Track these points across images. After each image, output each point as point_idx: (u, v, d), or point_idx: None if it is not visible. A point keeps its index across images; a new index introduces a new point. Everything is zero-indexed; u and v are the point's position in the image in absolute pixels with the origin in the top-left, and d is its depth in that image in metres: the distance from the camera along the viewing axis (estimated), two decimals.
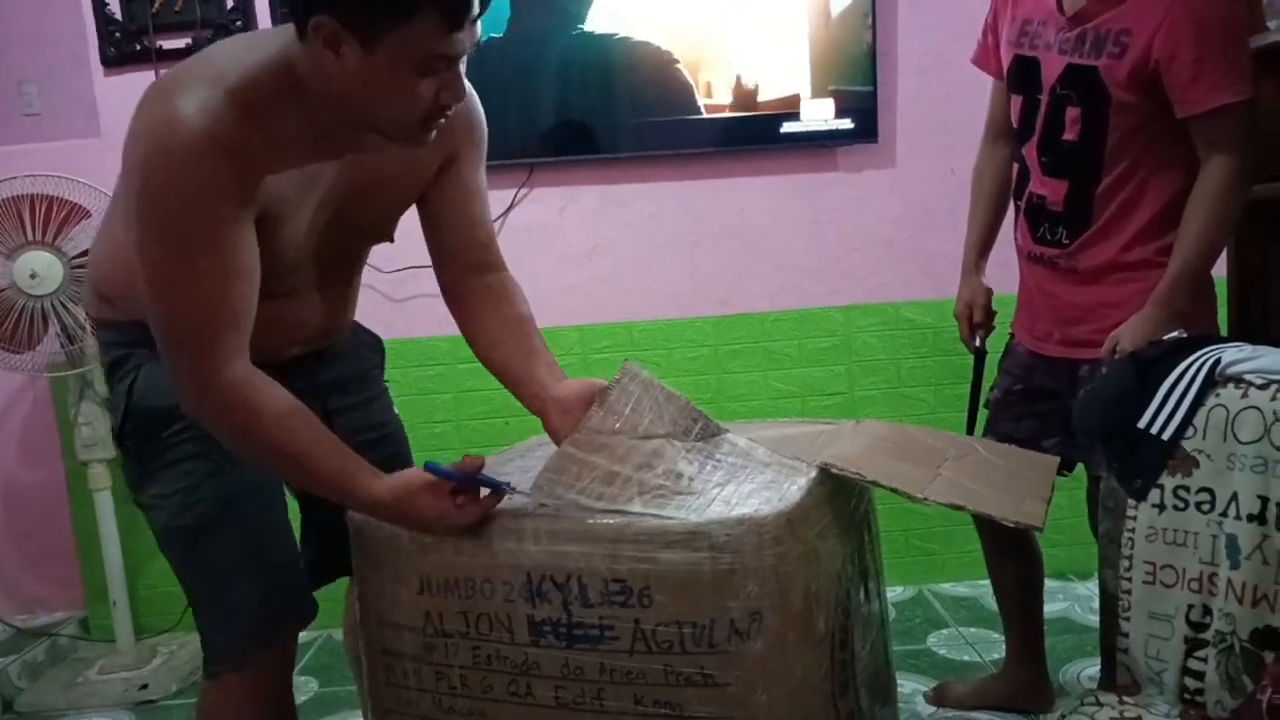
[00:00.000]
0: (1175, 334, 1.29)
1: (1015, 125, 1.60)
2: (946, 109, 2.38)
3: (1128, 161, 1.48)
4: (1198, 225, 1.43)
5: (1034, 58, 1.53)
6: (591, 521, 1.08)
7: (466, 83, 1.13)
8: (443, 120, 1.11)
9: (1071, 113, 1.49)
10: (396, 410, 1.45)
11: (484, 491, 1.12)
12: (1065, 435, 1.59)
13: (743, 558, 1.04)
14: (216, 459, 1.18)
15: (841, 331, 2.50)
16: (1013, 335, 1.72)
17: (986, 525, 1.75)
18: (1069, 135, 1.50)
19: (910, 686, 1.99)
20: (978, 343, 1.75)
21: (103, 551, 2.32)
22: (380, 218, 1.28)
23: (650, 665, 1.06)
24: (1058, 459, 1.40)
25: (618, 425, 1.16)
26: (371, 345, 1.45)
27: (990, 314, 1.74)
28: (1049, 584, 1.86)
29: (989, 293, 1.74)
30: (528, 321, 1.30)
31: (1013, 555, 1.79)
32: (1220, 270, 2.06)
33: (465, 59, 1.07)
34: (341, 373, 1.35)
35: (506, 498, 1.13)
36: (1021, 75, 1.56)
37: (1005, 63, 1.60)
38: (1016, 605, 1.83)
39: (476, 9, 1.03)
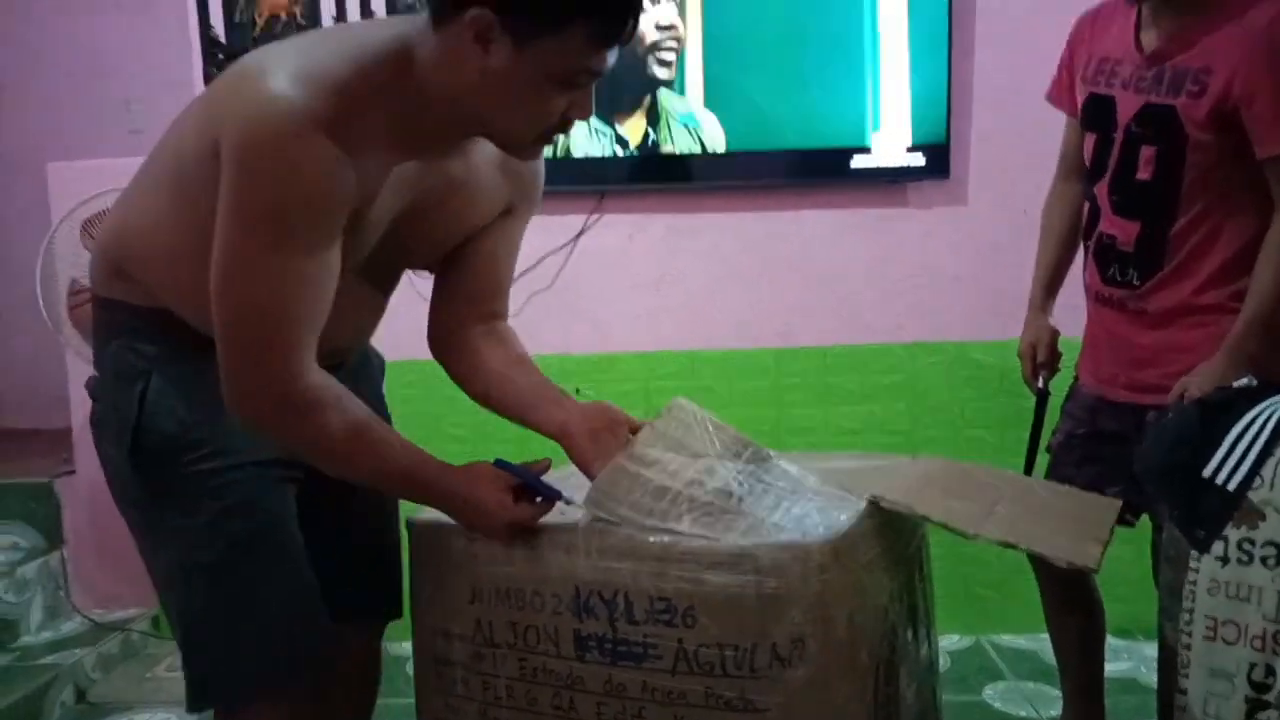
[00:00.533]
0: (1244, 381, 1.26)
1: (1088, 163, 1.59)
2: (1021, 147, 2.36)
3: (1202, 204, 1.46)
4: (1271, 273, 1.40)
5: (1110, 96, 1.52)
6: (640, 539, 1.10)
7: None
8: (560, 136, 1.10)
9: (1146, 152, 1.48)
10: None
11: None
12: (1129, 483, 1.55)
13: (788, 583, 1.04)
14: (241, 489, 1.14)
15: (905, 369, 2.49)
16: (1077, 378, 1.69)
17: (1045, 572, 1.72)
18: (1143, 174, 1.49)
19: None
20: (1040, 384, 1.72)
21: None
22: (431, 245, 1.25)
23: (691, 686, 1.07)
24: (1119, 501, 1.37)
25: (668, 444, 1.18)
26: (380, 369, 1.42)
27: (1055, 355, 1.72)
28: (1114, 642, 1.82)
29: (1055, 333, 1.72)
30: (530, 359, 1.29)
31: (1073, 606, 1.74)
32: None
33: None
34: (357, 391, 1.26)
35: (560, 511, 1.15)
36: (1096, 113, 1.55)
37: (1080, 100, 1.60)
38: (1076, 660, 1.77)
39: (630, 29, 1.02)
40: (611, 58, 1.04)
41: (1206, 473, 1.19)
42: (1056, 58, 1.68)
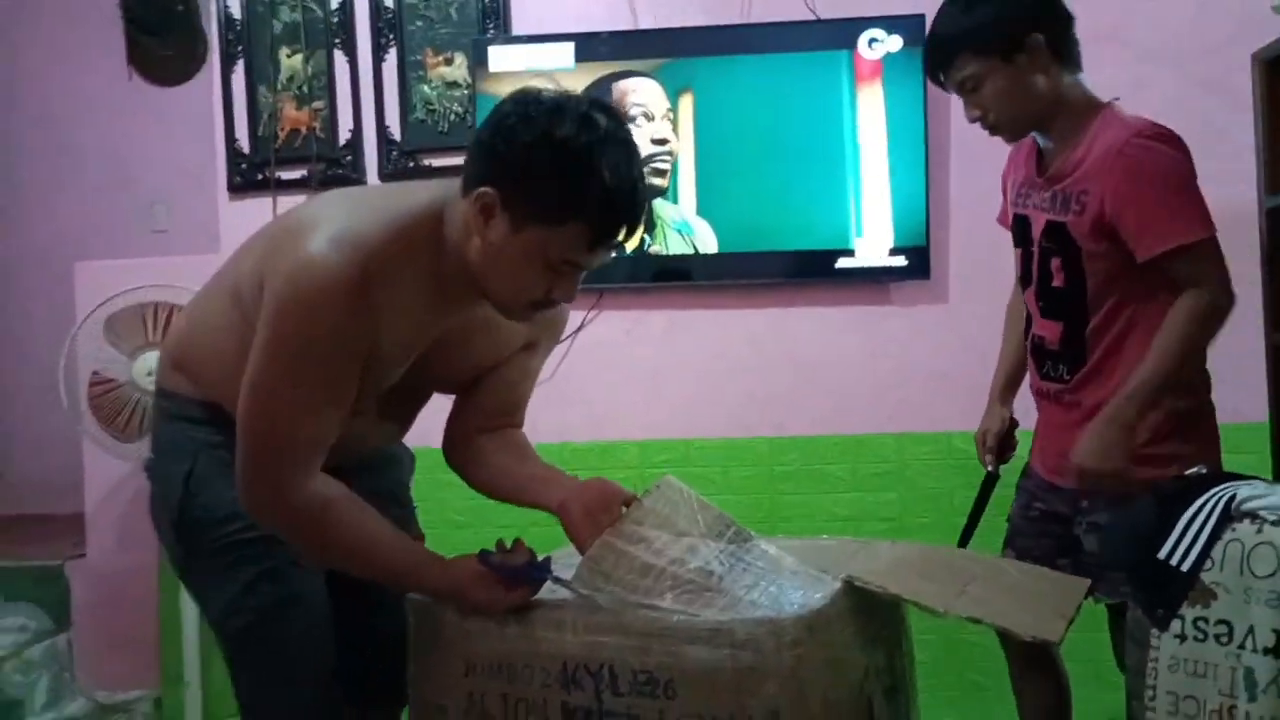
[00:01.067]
0: (1196, 470, 1.34)
1: (1019, 274, 1.75)
2: (995, 250, 2.45)
3: (1112, 301, 1.58)
4: (1158, 350, 1.50)
5: (1027, 215, 1.69)
6: (625, 615, 1.16)
7: None
8: (546, 311, 1.23)
9: (1054, 262, 1.62)
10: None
11: None
12: (1075, 557, 1.65)
13: (762, 657, 1.10)
14: (271, 562, 1.26)
15: (894, 458, 2.56)
16: (1029, 462, 1.80)
17: (1011, 645, 1.78)
18: (1056, 282, 1.63)
19: None
20: (990, 466, 1.85)
21: (182, 631, 2.47)
22: (454, 375, 1.38)
23: None
24: (1088, 581, 1.43)
25: (656, 521, 1.25)
26: (409, 463, 1.52)
27: (1006, 442, 1.84)
28: None
29: (1010, 422, 1.83)
30: (532, 449, 1.41)
31: (1036, 674, 1.80)
32: (1262, 413, 2.10)
33: None
34: (379, 486, 1.39)
35: (550, 589, 1.23)
36: (1020, 230, 1.72)
37: (1010, 220, 1.76)
38: None
39: (621, 235, 1.14)
40: (602, 257, 1.16)
41: (1162, 554, 1.26)
42: None
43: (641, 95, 2.56)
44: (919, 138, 2.49)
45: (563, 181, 1.09)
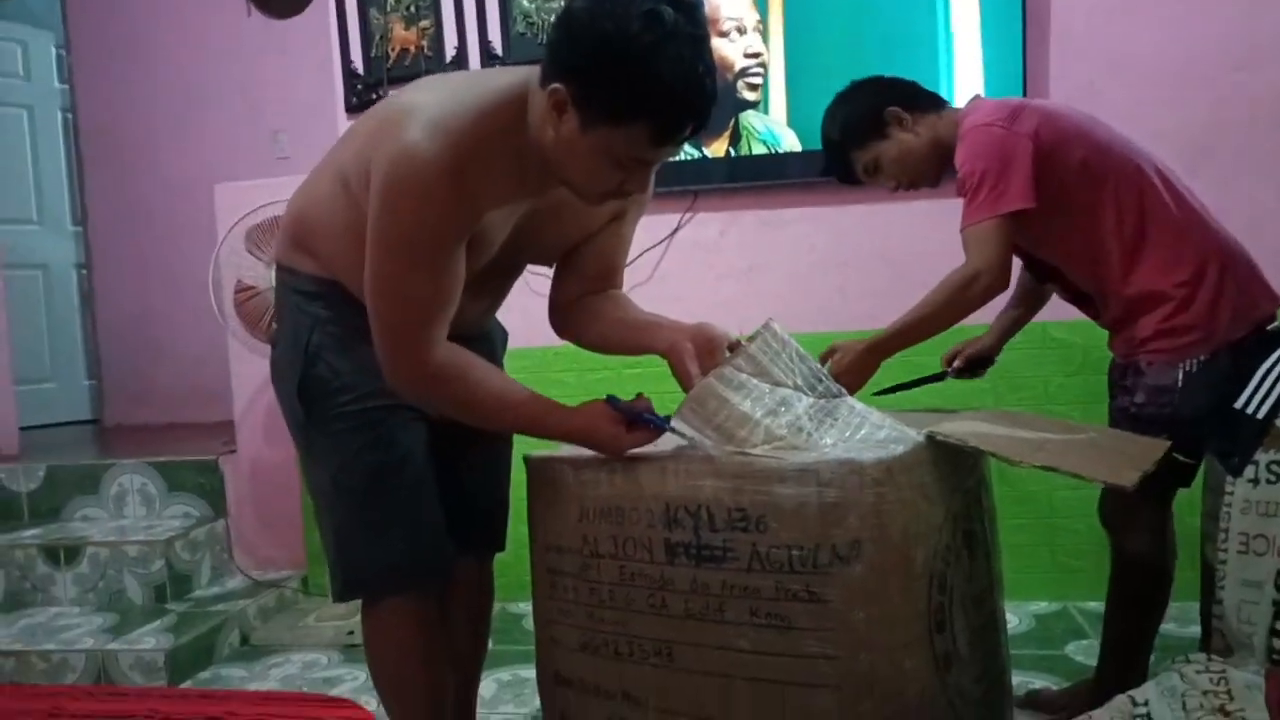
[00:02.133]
0: (1276, 325, 1.37)
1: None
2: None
3: (1071, 244, 1.72)
4: (920, 304, 1.71)
5: None
6: (720, 460, 1.27)
7: None
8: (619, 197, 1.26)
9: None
10: None
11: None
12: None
13: (845, 493, 1.20)
14: (381, 428, 1.36)
15: None
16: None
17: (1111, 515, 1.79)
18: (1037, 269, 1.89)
19: (1040, 683, 2.05)
20: (946, 366, 2.05)
21: None
22: (547, 249, 1.45)
23: (764, 582, 1.23)
24: (1168, 442, 1.47)
25: (755, 369, 1.33)
26: (503, 340, 1.62)
27: (976, 362, 2.04)
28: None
29: (989, 355, 2.05)
30: (636, 305, 1.47)
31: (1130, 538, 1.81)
32: None
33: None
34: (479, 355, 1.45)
35: (662, 440, 1.33)
36: None
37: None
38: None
39: (686, 133, 1.15)
40: (668, 153, 1.18)
41: (1239, 405, 1.31)
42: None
43: (733, 7, 2.58)
44: (1016, 31, 2.46)
45: (625, 82, 1.10)
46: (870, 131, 1.77)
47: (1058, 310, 2.54)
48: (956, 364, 2.02)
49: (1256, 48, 2.49)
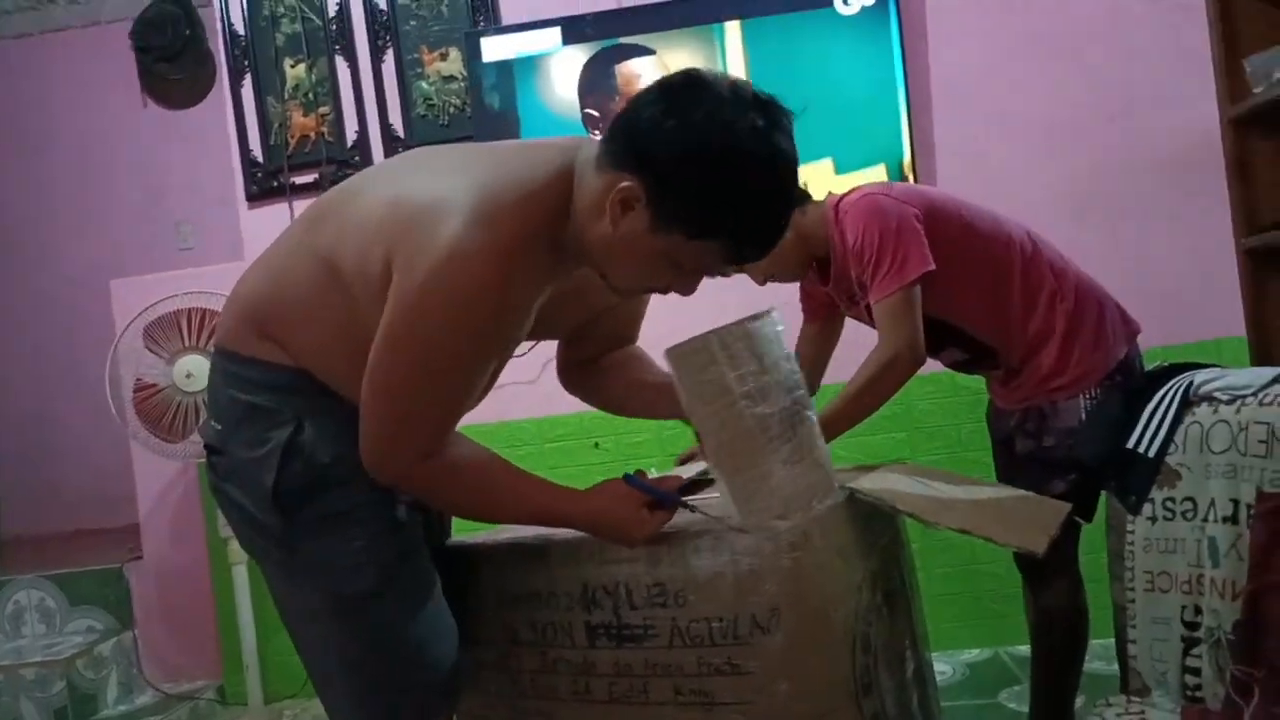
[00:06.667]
0: (1159, 365, 1.43)
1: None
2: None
3: (962, 302, 1.74)
4: (844, 393, 1.73)
5: (859, 318, 1.91)
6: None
7: None
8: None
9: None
10: None
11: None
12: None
13: (760, 560, 1.18)
14: (386, 520, 1.21)
15: (901, 400, 2.62)
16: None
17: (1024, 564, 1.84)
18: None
19: None
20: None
21: (238, 620, 2.62)
22: (566, 323, 1.35)
23: (686, 658, 1.20)
24: (1069, 505, 1.50)
25: (751, 346, 1.23)
26: None
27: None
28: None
29: None
30: (654, 363, 1.38)
31: (1042, 591, 1.85)
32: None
33: None
34: None
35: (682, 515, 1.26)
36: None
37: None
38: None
39: (759, 256, 1.09)
40: (732, 271, 1.12)
41: (1130, 444, 1.35)
42: None
43: (649, 77, 2.62)
44: (897, 96, 2.57)
45: (718, 198, 1.02)
46: None
47: None
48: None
49: (1130, 99, 2.65)
